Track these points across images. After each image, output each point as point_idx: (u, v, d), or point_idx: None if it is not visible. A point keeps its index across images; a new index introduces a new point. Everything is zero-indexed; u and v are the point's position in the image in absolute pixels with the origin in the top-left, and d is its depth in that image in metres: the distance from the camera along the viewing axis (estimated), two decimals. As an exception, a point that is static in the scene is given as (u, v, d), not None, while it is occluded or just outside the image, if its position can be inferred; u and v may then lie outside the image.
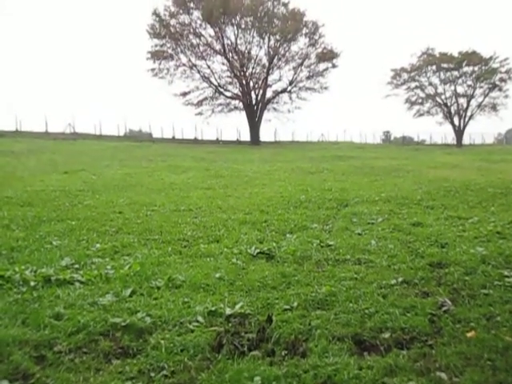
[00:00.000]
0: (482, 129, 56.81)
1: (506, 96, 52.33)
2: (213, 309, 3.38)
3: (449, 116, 53.90)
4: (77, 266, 4.50)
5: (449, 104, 53.72)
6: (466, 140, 56.02)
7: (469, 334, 2.98)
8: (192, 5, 37.73)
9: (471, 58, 50.44)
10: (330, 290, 3.79)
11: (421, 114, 55.40)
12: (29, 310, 3.31)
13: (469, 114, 53.46)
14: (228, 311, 3.34)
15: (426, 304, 3.50)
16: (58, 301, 3.51)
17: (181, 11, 38.18)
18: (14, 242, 5.43)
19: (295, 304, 3.52)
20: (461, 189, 10.46)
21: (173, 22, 38.62)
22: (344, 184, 11.91)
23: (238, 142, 41.71)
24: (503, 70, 50.74)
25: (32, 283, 3.85)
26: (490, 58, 50.13)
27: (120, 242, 5.54)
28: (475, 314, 3.31)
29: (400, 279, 4.09)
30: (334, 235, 6.03)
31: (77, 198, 9.24)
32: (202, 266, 4.57)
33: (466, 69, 51.55)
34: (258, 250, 5.06)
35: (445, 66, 51.73)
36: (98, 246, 5.36)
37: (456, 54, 51.04)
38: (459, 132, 53.68)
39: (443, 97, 53.85)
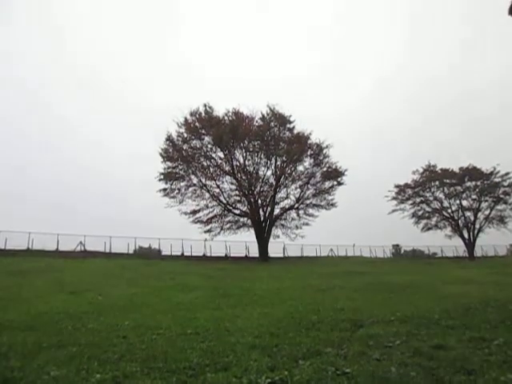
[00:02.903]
0: (494, 240, 56.19)
1: (512, 209, 52.99)
2: None
3: (457, 229, 54.06)
4: (73, 401, 4.16)
5: (456, 217, 54.26)
6: (478, 252, 55.39)
7: None
8: (203, 131, 40.70)
9: (472, 173, 52.33)
10: (350, 429, 3.40)
11: (429, 228, 55.69)
12: None
13: (477, 226, 53.67)
14: None
15: None
16: None
17: (193, 137, 41.07)
18: (9, 372, 5.12)
19: None
20: (480, 306, 10.02)
21: (185, 146, 41.32)
22: (357, 302, 11.47)
23: (247, 258, 41.54)
24: (505, 183, 52.14)
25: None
26: (491, 173, 51.89)
27: (122, 372, 5.18)
28: None
29: (428, 415, 3.69)
30: (349, 361, 5.61)
31: (80, 320, 8.95)
32: (208, 399, 4.19)
33: (468, 183, 53.17)
34: (268, 380, 4.68)
35: (447, 181, 53.47)
36: (97, 376, 5.00)
37: (457, 170, 53.08)
38: (470, 245, 53.33)
39: (449, 210, 54.70)
